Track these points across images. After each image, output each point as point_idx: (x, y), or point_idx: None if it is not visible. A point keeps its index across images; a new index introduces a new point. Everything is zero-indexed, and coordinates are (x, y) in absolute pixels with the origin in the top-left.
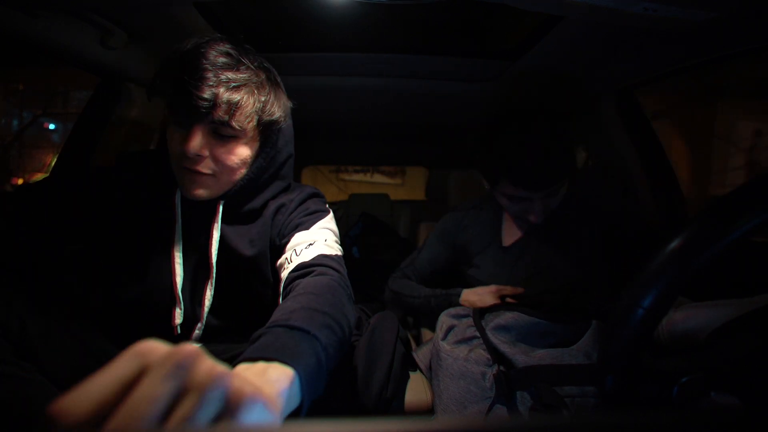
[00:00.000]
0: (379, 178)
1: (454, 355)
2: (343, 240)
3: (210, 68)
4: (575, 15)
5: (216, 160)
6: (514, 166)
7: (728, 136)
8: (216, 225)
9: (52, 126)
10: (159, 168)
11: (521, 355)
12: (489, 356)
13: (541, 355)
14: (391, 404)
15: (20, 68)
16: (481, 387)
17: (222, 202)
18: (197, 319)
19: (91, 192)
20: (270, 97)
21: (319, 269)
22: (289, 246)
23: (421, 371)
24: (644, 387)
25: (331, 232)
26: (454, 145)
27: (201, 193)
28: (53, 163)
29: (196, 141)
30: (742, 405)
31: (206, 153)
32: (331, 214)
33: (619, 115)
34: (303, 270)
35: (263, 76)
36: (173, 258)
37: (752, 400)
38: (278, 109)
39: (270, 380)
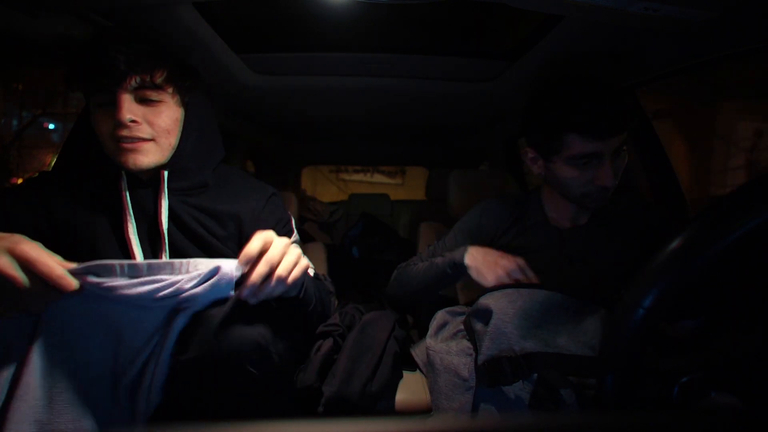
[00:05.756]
0: (379, 178)
1: (437, 349)
2: (343, 240)
3: (116, 42)
4: (575, 15)
5: (150, 123)
6: (580, 112)
7: (728, 136)
8: (163, 194)
9: (52, 126)
10: (96, 165)
11: (515, 335)
12: (470, 345)
13: (538, 344)
14: (377, 400)
15: (20, 68)
16: (462, 378)
17: (166, 171)
18: None
19: (32, 203)
20: (180, 64)
21: None
22: None
23: (420, 370)
24: (644, 387)
25: (299, 244)
26: (454, 145)
27: (143, 159)
28: (53, 163)
29: (126, 106)
30: (742, 405)
31: (139, 119)
32: (291, 215)
33: None
34: None
35: (166, 45)
36: (129, 240)
37: (752, 400)
38: (190, 74)
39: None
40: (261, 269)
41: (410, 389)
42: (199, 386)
